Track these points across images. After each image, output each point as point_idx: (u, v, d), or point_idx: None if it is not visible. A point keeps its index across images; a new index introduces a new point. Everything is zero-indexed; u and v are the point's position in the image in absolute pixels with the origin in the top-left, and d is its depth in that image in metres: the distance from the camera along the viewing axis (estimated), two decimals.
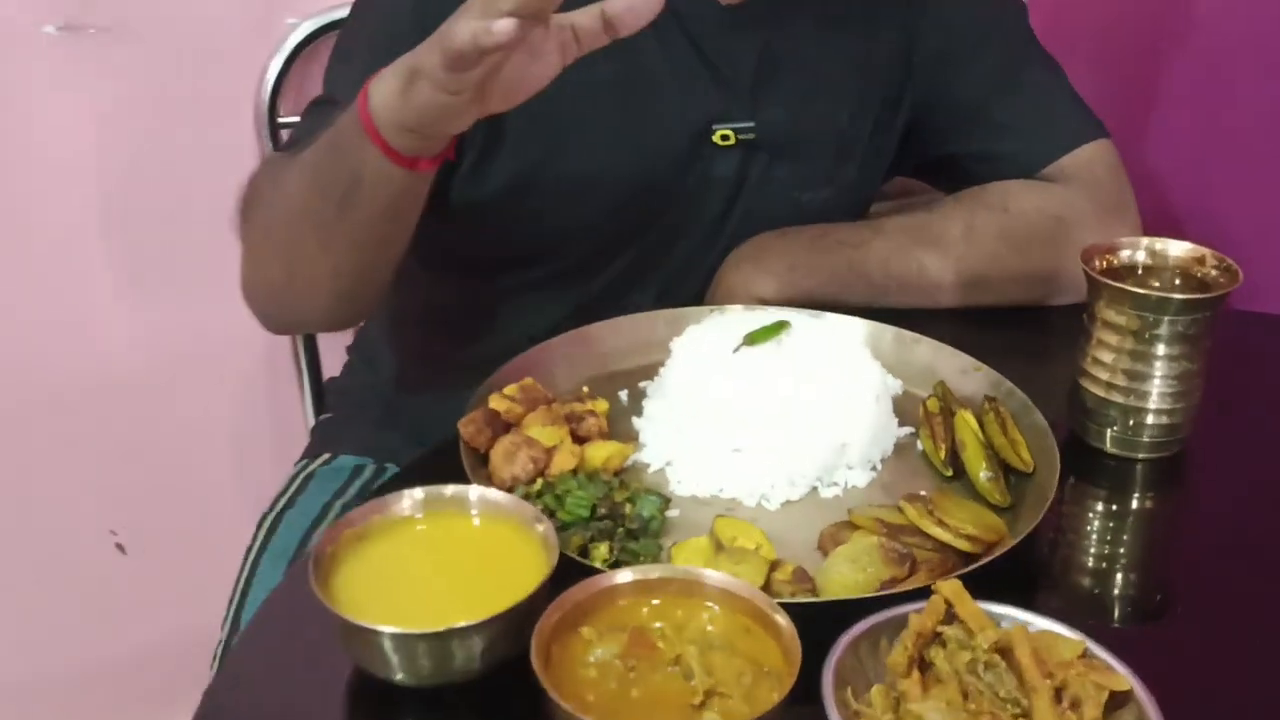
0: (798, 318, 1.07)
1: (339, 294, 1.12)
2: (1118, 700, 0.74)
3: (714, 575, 0.78)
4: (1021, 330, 1.24)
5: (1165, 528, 1.00)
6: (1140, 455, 1.03)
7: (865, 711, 0.74)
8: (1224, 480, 1.03)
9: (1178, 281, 1.03)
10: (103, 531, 1.80)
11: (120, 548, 1.83)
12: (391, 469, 1.38)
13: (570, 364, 1.12)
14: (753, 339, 1.02)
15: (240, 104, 1.60)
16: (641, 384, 1.11)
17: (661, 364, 1.12)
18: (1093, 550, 0.97)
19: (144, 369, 1.70)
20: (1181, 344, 0.98)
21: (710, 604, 0.78)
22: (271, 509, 1.37)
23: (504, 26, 0.78)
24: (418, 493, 0.85)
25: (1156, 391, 1.00)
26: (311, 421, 1.62)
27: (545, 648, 0.73)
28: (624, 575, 0.78)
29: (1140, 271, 1.04)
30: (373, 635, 0.73)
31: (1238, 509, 1.00)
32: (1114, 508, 1.02)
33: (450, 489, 0.85)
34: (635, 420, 1.05)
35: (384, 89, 0.91)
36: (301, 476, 1.39)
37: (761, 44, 1.21)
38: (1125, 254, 1.05)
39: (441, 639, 0.73)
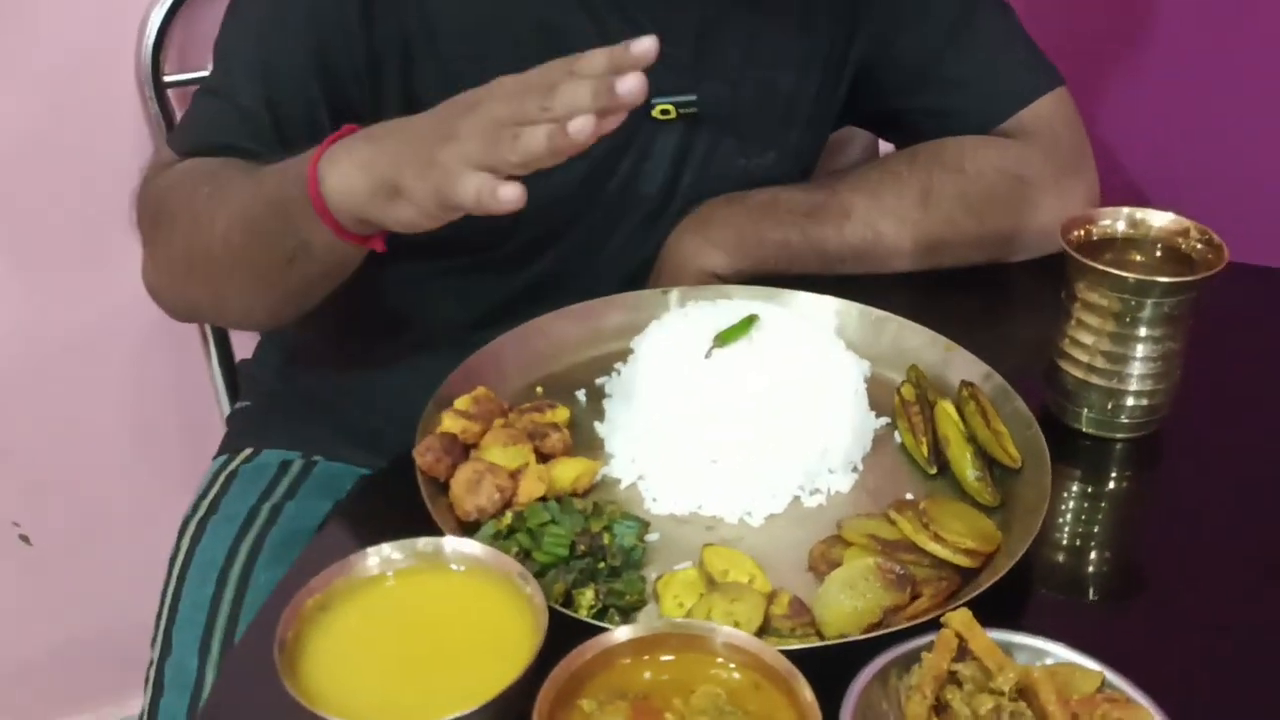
0: (764, 308, 1.01)
1: (275, 318, 1.11)
2: None
3: (717, 630, 0.73)
4: (983, 294, 1.20)
5: (1151, 515, 0.98)
6: (1119, 436, 1.00)
7: None
8: (1205, 459, 1.01)
9: (1159, 253, 0.99)
10: (5, 523, 1.69)
11: (25, 539, 1.71)
12: (321, 462, 1.30)
13: (521, 363, 1.05)
14: (723, 339, 0.95)
15: (120, 59, 1.45)
16: (599, 380, 1.04)
17: (618, 355, 1.05)
18: (1079, 544, 0.94)
19: (38, 354, 1.57)
20: (1165, 325, 0.95)
21: (716, 658, 0.73)
22: (193, 512, 1.28)
23: (510, 197, 0.76)
24: (386, 550, 0.78)
25: (1138, 373, 0.96)
26: (226, 409, 1.52)
27: None
28: (621, 634, 0.72)
29: (1120, 243, 1.00)
30: None
31: (1224, 492, 0.98)
32: (1093, 491, 0.99)
33: (421, 543, 0.78)
34: (598, 427, 0.99)
35: (346, 182, 0.88)
36: (223, 476, 1.30)
37: (700, 14, 1.13)
38: (1105, 224, 1.00)
39: None
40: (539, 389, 1.04)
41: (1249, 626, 0.84)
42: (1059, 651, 0.75)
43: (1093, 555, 0.93)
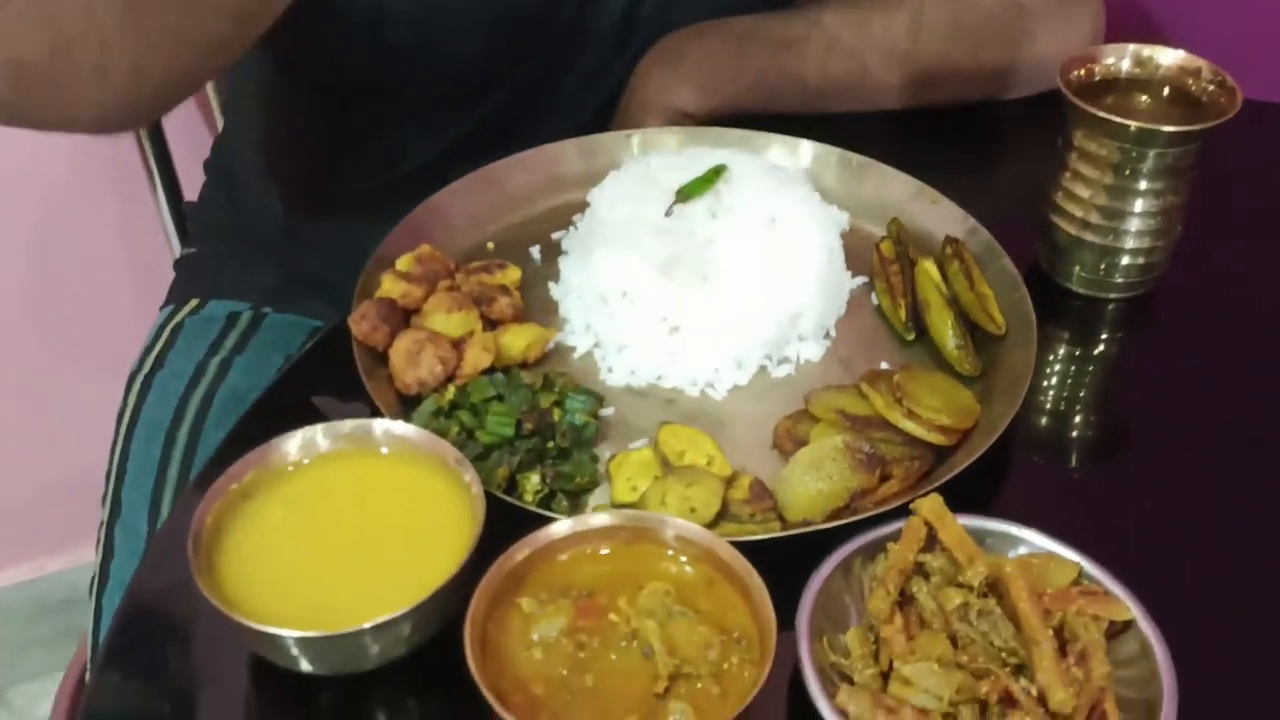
0: (734, 156, 0.92)
1: (129, 93, 0.82)
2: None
3: (668, 521, 0.67)
4: (975, 136, 1.12)
5: (1140, 383, 0.91)
6: (1112, 296, 0.93)
7: (843, 663, 0.66)
8: (1201, 321, 0.94)
9: (1167, 95, 0.90)
10: None
11: None
12: (270, 314, 1.23)
13: (471, 214, 0.97)
14: (686, 193, 0.87)
15: None
16: (555, 235, 0.97)
17: (577, 206, 0.97)
18: (1062, 417, 0.88)
19: None
20: (1167, 177, 0.87)
21: (668, 550, 0.68)
22: (140, 367, 1.22)
23: None
24: (312, 432, 0.72)
25: (1135, 229, 0.89)
26: (177, 251, 1.44)
27: (480, 631, 0.63)
28: (563, 528, 0.67)
29: (1124, 84, 0.91)
30: (273, 638, 0.62)
31: (1220, 358, 0.91)
32: (1080, 355, 0.93)
33: (349, 425, 0.72)
34: (552, 287, 0.92)
35: None
36: (169, 329, 1.24)
37: None
38: (1109, 62, 0.91)
39: (353, 638, 0.62)
40: (490, 245, 0.96)
41: (1239, 507, 0.79)
42: (1034, 539, 0.70)
43: (1076, 429, 0.88)
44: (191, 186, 1.41)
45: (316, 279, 1.21)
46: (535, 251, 0.95)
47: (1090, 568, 0.68)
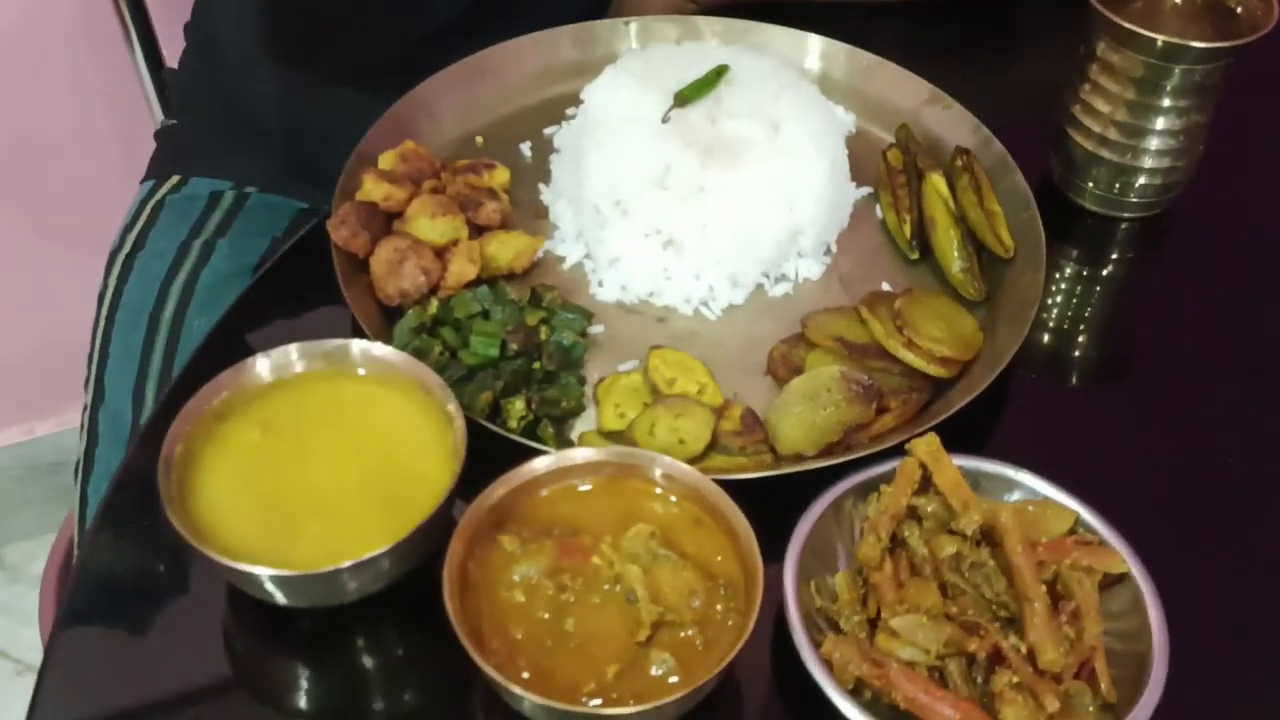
0: (736, 54, 0.87)
1: None
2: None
3: (655, 458, 0.65)
4: (993, 29, 1.06)
5: (1147, 308, 0.88)
6: (1125, 215, 0.89)
7: (830, 609, 0.65)
8: (1216, 242, 0.91)
9: (1200, 4, 0.84)
10: None
11: None
12: (254, 194, 1.19)
13: (460, 106, 0.93)
14: (685, 97, 0.83)
15: None
16: (547, 130, 0.92)
17: (570, 99, 0.93)
18: (1066, 345, 0.85)
19: None
20: (1193, 95, 0.82)
21: (654, 489, 0.66)
22: (120, 245, 1.18)
23: None
24: (287, 351, 0.69)
25: (1155, 148, 0.85)
26: (160, 119, 1.38)
27: (459, 571, 0.61)
28: (545, 463, 0.65)
29: None
30: (248, 575, 0.60)
31: (1232, 282, 0.88)
32: (1088, 275, 0.89)
33: (327, 345, 0.69)
34: (542, 191, 0.88)
35: None
36: (150, 207, 1.19)
37: None
38: None
39: (330, 576, 0.61)
40: (479, 140, 0.92)
41: (1246, 446, 0.77)
42: (1032, 483, 0.68)
43: (1081, 360, 0.85)
44: (173, 51, 1.35)
45: (304, 158, 1.16)
46: (525, 149, 0.91)
47: (1087, 515, 0.67)
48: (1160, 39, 0.79)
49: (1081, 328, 0.86)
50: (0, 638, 1.84)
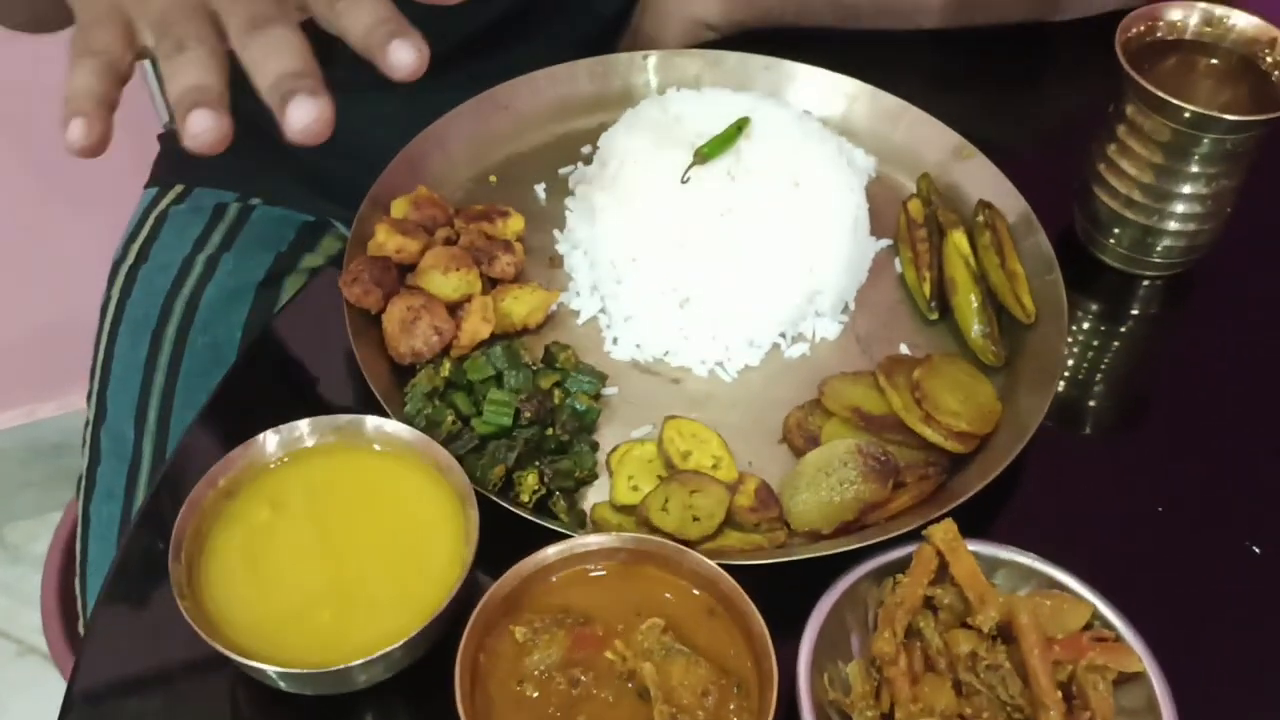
0: (756, 103, 0.86)
1: None
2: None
3: (670, 548, 0.65)
4: (1020, 66, 1.04)
5: (1172, 371, 0.87)
6: (1148, 274, 0.88)
7: (843, 701, 0.64)
8: (1239, 304, 0.89)
9: (1234, 65, 0.83)
10: None
11: None
12: (259, 206, 1.17)
13: (476, 140, 0.91)
14: (705, 154, 0.81)
15: None
16: (562, 170, 0.91)
17: (585, 137, 0.91)
18: (1089, 406, 0.84)
19: None
20: (1222, 162, 0.81)
21: (668, 576, 0.65)
22: (123, 256, 1.17)
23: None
24: (297, 427, 0.68)
25: (1181, 211, 0.83)
26: (165, 120, 1.36)
27: (471, 663, 0.61)
28: (556, 550, 0.64)
29: (1188, 46, 0.83)
30: (257, 669, 0.60)
31: (1256, 344, 0.86)
32: (1107, 332, 0.88)
33: (339, 420, 0.68)
34: (557, 238, 0.86)
35: None
36: (153, 218, 1.18)
37: None
38: (1175, 18, 0.83)
39: (339, 672, 0.60)
40: (493, 179, 0.90)
41: (1270, 531, 0.76)
42: (1049, 572, 0.67)
43: (1097, 428, 0.83)
44: None
45: (307, 166, 1.14)
46: (540, 190, 0.90)
47: (1104, 609, 0.66)
48: (1189, 109, 0.77)
49: (1098, 392, 0.84)
50: (1, 618, 1.85)
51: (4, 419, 1.85)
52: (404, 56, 0.58)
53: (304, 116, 0.56)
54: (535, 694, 0.61)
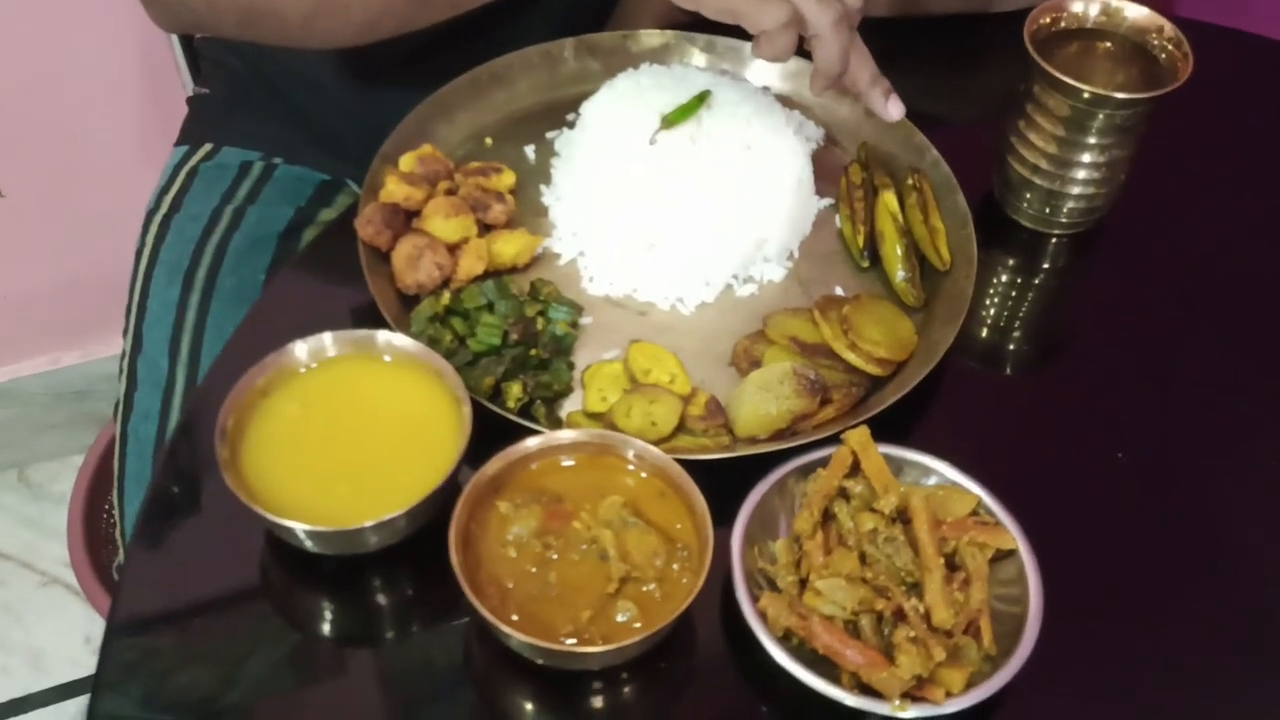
0: (717, 82, 0.99)
1: (354, 39, 1.01)
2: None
3: (628, 440, 0.78)
4: (955, 52, 1.17)
5: (1071, 316, 1.01)
6: (1055, 232, 1.02)
7: (770, 569, 0.78)
8: (1140, 259, 1.03)
9: (1127, 49, 0.96)
10: None
11: None
12: (281, 164, 1.30)
13: (475, 107, 1.04)
14: (670, 121, 0.94)
15: None
16: (549, 134, 1.04)
17: (569, 106, 1.04)
18: (993, 347, 0.98)
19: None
20: (1115, 134, 0.94)
21: (627, 465, 0.79)
22: (156, 207, 1.30)
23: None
24: (322, 338, 0.81)
25: (1081, 178, 0.97)
26: (190, 87, 1.49)
27: (463, 529, 0.75)
28: (535, 442, 0.78)
29: (1088, 35, 0.96)
30: (287, 528, 0.74)
31: (1153, 296, 1.00)
32: (1021, 283, 1.02)
33: (356, 334, 0.82)
34: (544, 192, 1.00)
35: None
36: (184, 173, 1.31)
37: None
38: (1077, 9, 0.97)
39: (355, 532, 0.74)
40: (489, 140, 1.04)
41: (1133, 444, 0.90)
42: (944, 470, 0.81)
43: (1005, 358, 0.97)
44: None
45: (328, 131, 1.27)
46: (530, 151, 1.03)
47: (987, 499, 0.80)
48: (1086, 89, 0.90)
49: (1010, 332, 0.98)
50: (25, 551, 1.97)
51: (29, 365, 1.97)
52: (894, 111, 0.93)
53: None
54: (515, 555, 0.75)
